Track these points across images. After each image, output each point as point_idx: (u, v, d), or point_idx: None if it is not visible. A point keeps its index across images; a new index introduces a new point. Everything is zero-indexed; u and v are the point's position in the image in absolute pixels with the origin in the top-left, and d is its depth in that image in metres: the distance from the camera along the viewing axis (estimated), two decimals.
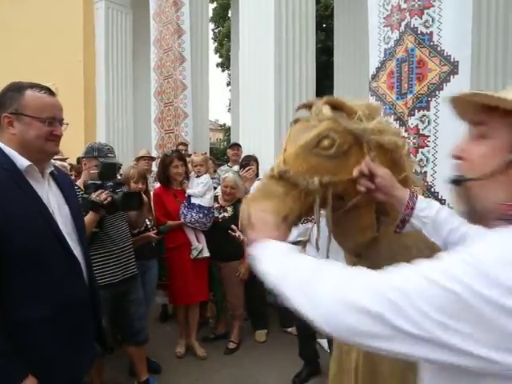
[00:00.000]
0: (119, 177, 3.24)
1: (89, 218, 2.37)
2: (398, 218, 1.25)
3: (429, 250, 1.40)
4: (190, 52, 6.96)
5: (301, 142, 1.25)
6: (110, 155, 2.87)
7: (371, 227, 1.39)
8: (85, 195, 2.51)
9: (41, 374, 1.46)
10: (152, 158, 5.69)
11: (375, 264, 1.39)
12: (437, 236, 1.19)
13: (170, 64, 7.13)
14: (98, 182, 2.57)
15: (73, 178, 4.20)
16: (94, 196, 2.44)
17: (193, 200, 3.71)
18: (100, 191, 2.48)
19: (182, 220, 3.67)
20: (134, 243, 3.08)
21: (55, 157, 3.28)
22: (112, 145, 8.81)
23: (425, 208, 1.21)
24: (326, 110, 1.27)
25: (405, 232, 1.35)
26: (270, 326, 4.14)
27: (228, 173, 4.02)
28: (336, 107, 1.29)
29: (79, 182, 2.77)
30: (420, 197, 1.24)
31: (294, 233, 2.85)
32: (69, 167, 4.93)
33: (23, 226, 1.47)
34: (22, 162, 1.54)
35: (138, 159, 5.41)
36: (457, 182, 0.84)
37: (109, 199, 2.47)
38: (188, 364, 3.65)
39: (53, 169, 1.72)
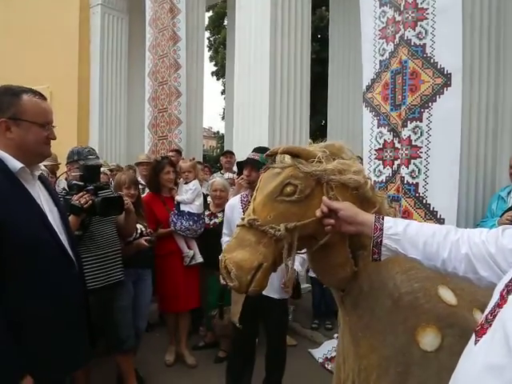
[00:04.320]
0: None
1: (70, 220, 2.36)
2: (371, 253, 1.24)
3: (406, 282, 1.44)
4: (185, 59, 6.98)
5: (267, 190, 1.33)
6: (90, 157, 2.86)
7: (349, 262, 1.43)
8: (67, 197, 2.49)
9: (36, 370, 1.49)
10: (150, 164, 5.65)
11: (358, 298, 1.46)
12: (414, 251, 1.16)
13: (165, 70, 7.13)
14: (81, 184, 2.56)
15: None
16: (74, 199, 2.42)
17: (182, 207, 3.70)
18: (81, 194, 2.47)
19: (172, 228, 3.65)
20: (127, 251, 3.05)
21: (45, 161, 3.27)
22: (105, 150, 8.71)
23: (392, 226, 1.19)
24: (287, 158, 1.35)
25: (384, 263, 1.36)
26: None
27: (215, 178, 4.03)
28: (293, 155, 1.35)
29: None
30: (386, 217, 1.24)
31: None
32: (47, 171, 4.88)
33: (22, 225, 1.51)
34: (13, 164, 1.56)
35: (137, 164, 5.38)
36: None
37: (89, 203, 2.46)
38: (178, 372, 3.61)
39: (41, 171, 1.74)
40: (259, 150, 2.92)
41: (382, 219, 1.22)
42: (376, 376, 1.43)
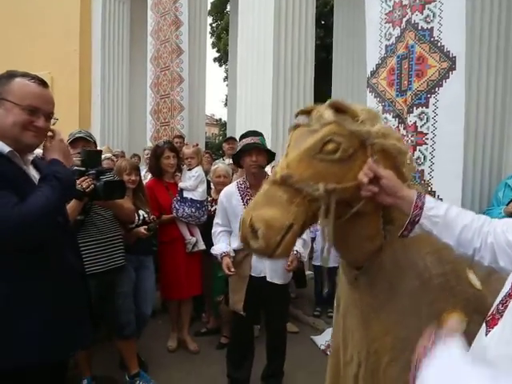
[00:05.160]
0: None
1: (72, 205, 2.37)
2: (404, 224, 1.19)
3: (437, 263, 1.37)
4: (187, 44, 6.89)
5: (304, 146, 1.21)
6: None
7: (379, 235, 1.35)
8: None
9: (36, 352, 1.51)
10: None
11: (377, 276, 1.38)
12: (449, 235, 1.14)
13: (167, 56, 7.06)
14: (82, 169, 2.53)
15: None
16: (76, 183, 2.40)
17: (185, 194, 3.66)
18: (83, 178, 2.45)
19: (175, 214, 3.62)
20: (127, 238, 3.04)
21: None
22: (107, 136, 8.70)
23: (434, 207, 1.15)
24: (329, 114, 1.24)
25: (412, 242, 1.31)
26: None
27: (218, 163, 3.99)
28: (339, 110, 1.25)
29: None
30: (428, 197, 1.19)
31: (236, 242, 2.76)
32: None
33: None
34: (2, 147, 1.49)
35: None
36: None
37: (91, 187, 2.44)
38: (180, 358, 3.62)
39: (35, 155, 1.70)
40: (252, 133, 2.86)
41: (424, 197, 1.17)
42: (388, 359, 1.38)
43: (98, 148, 3.19)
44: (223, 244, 2.79)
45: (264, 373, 3.02)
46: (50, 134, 1.63)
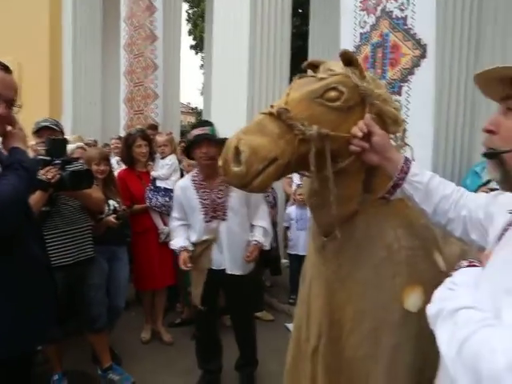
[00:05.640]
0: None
1: (36, 196, 2.27)
2: (384, 190, 1.22)
3: (407, 236, 1.37)
4: (162, 30, 6.76)
5: (306, 89, 1.23)
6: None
7: (356, 198, 1.34)
8: None
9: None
10: None
11: (345, 245, 1.35)
12: (428, 203, 1.18)
13: (141, 42, 6.90)
14: (47, 159, 2.43)
15: None
16: (41, 173, 2.31)
17: (158, 183, 3.60)
18: (47, 168, 2.36)
19: (148, 204, 3.55)
20: (97, 228, 2.97)
21: None
22: (80, 124, 8.47)
23: (418, 174, 1.18)
24: (339, 66, 1.27)
25: (386, 213, 1.34)
26: None
27: None
28: (351, 63, 1.27)
29: None
30: (415, 164, 1.21)
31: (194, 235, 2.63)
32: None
33: None
34: None
35: None
36: (492, 155, 0.85)
37: (57, 177, 2.35)
38: (154, 350, 3.58)
39: None
40: (202, 124, 2.78)
41: (410, 163, 1.19)
42: (350, 328, 1.39)
43: (70, 137, 3.10)
44: (181, 238, 2.74)
45: (237, 362, 3.02)
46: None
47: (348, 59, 1.27)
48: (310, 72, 1.38)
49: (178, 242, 2.73)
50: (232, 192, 2.61)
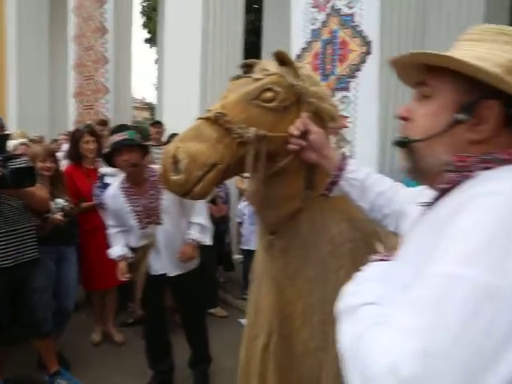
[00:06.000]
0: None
1: None
2: (324, 188, 1.24)
3: (350, 230, 1.40)
4: (112, 23, 6.56)
5: (242, 91, 1.23)
6: None
7: (298, 196, 1.35)
8: None
9: None
10: None
11: (292, 242, 1.37)
12: (364, 199, 1.19)
13: (91, 35, 6.68)
14: None
15: None
16: None
17: (106, 179, 3.47)
18: None
19: (96, 201, 3.43)
20: (43, 227, 2.84)
21: None
22: (26, 120, 8.12)
23: (355, 171, 1.20)
24: (273, 66, 1.27)
25: (329, 208, 1.35)
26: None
27: None
28: (284, 63, 1.27)
29: None
30: (352, 160, 1.23)
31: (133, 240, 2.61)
32: None
33: None
34: None
35: None
36: (402, 143, 0.82)
37: None
38: (105, 351, 3.48)
39: None
40: (119, 129, 2.66)
41: (346, 160, 1.21)
42: (300, 322, 1.40)
43: (13, 133, 2.94)
44: (119, 246, 2.69)
45: (190, 360, 2.99)
46: None
47: (282, 59, 1.28)
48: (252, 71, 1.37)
49: (116, 250, 2.68)
50: (164, 194, 2.55)
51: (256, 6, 12.58)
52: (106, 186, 3.45)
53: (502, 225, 0.57)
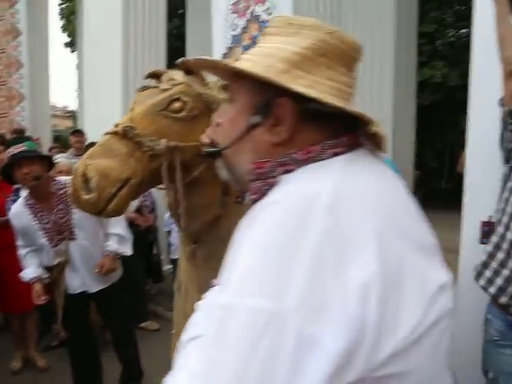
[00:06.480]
0: None
1: None
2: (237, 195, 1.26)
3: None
4: (26, 25, 6.18)
5: (150, 102, 1.20)
6: None
7: (216, 203, 1.36)
8: None
9: None
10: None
11: (215, 249, 1.33)
12: None
13: (2, 37, 6.23)
14: None
15: None
16: None
17: (22, 193, 3.25)
18: None
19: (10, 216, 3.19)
20: None
21: None
22: None
23: None
24: (180, 75, 1.26)
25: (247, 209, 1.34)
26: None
27: (59, 158, 3.58)
28: (190, 72, 1.26)
29: None
30: None
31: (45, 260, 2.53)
32: None
33: None
34: None
35: None
36: (211, 154, 0.77)
37: None
38: (26, 379, 3.24)
39: None
40: (17, 141, 2.51)
41: None
42: None
43: None
44: (32, 268, 2.50)
45: (121, 376, 2.87)
46: None
47: (187, 68, 1.27)
48: (152, 82, 1.34)
49: (28, 273, 2.49)
50: (74, 208, 2.39)
51: (181, 11, 12.48)
52: None
53: (276, 240, 0.53)
